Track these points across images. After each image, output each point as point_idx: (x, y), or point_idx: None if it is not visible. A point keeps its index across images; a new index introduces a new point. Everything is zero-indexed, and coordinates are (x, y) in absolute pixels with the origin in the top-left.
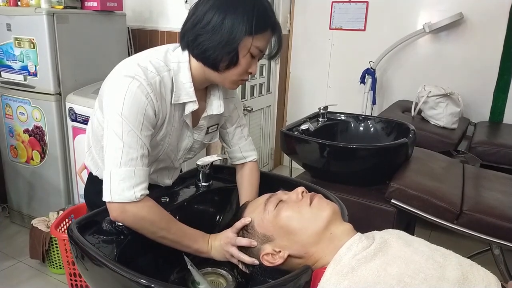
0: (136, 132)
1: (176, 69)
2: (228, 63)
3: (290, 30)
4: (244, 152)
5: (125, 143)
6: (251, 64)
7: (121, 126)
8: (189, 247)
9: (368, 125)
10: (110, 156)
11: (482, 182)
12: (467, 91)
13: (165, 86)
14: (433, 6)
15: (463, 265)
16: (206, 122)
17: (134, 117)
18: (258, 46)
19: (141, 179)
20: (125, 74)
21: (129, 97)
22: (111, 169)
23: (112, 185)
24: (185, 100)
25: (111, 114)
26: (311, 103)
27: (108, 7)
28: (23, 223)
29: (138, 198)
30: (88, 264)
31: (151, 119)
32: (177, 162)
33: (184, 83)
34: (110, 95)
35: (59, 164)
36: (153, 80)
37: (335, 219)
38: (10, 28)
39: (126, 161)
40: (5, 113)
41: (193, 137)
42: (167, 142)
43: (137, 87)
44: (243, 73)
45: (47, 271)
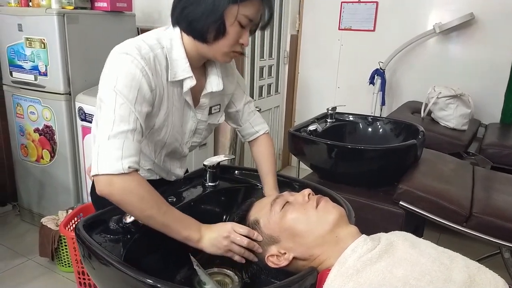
0: (130, 106)
1: (169, 47)
2: (215, 34)
3: (299, 31)
4: (256, 126)
5: (116, 116)
6: (241, 34)
7: (114, 99)
8: (178, 232)
9: (377, 126)
10: (101, 129)
11: (493, 185)
12: (478, 92)
13: (159, 63)
14: (443, 6)
15: (470, 268)
16: (207, 100)
17: (127, 90)
18: (246, 15)
19: (131, 152)
20: (118, 51)
21: (123, 72)
22: (99, 142)
23: (100, 157)
24: (182, 76)
25: (105, 89)
26: (319, 103)
27: (118, 8)
28: (33, 221)
29: (126, 170)
30: (95, 263)
31: (147, 94)
32: (185, 146)
33: (179, 60)
34: (104, 73)
35: (69, 163)
36: (147, 56)
37: (341, 222)
38: (21, 28)
39: (116, 133)
40: (16, 113)
41: (196, 118)
42: (170, 122)
43: (131, 62)
44: (234, 44)
45: (56, 269)
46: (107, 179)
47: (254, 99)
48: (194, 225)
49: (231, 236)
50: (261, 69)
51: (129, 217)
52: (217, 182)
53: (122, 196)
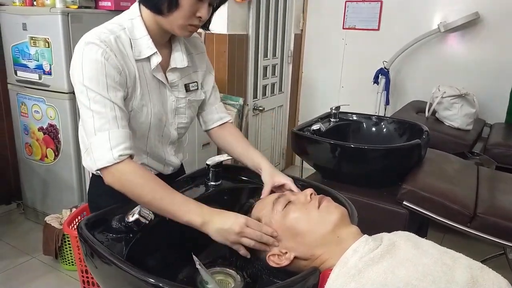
0: (102, 94)
1: (130, 26)
2: (168, 4)
3: (303, 30)
4: (220, 113)
5: (93, 110)
6: (199, 7)
7: (86, 94)
8: (178, 218)
9: (381, 126)
10: (85, 128)
11: (497, 185)
12: (483, 91)
13: (122, 43)
14: (448, 5)
15: (473, 268)
16: (176, 76)
17: (96, 81)
18: None
19: (118, 140)
20: (80, 44)
21: (86, 62)
22: (89, 140)
23: (94, 153)
24: (146, 54)
25: (76, 86)
26: (323, 103)
27: (122, 7)
28: (37, 219)
29: (117, 159)
30: (97, 262)
31: (116, 77)
32: (171, 127)
33: (141, 38)
34: (71, 69)
35: (73, 162)
36: (107, 39)
37: (342, 222)
38: (26, 27)
39: (99, 126)
40: (21, 111)
41: (173, 95)
42: (148, 101)
43: (90, 50)
44: (190, 17)
45: (60, 267)
46: (107, 171)
47: (257, 99)
48: (195, 209)
49: (244, 231)
50: (264, 68)
51: (131, 216)
52: (220, 181)
53: (120, 184)
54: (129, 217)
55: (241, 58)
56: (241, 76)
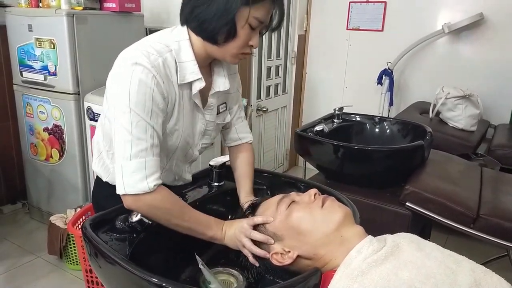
0: (146, 120)
1: (177, 49)
2: (226, 35)
3: (307, 31)
4: (240, 134)
5: (133, 135)
6: (252, 36)
7: (129, 117)
8: (203, 234)
9: (384, 127)
10: (119, 149)
11: (501, 186)
12: (487, 92)
13: (169, 67)
14: (452, 6)
15: (476, 272)
16: (215, 100)
17: (142, 105)
18: (257, 17)
19: (153, 169)
20: (127, 61)
21: (135, 85)
22: (121, 162)
23: (124, 178)
24: (191, 79)
25: (118, 106)
26: (327, 104)
27: (126, 8)
28: (42, 219)
29: (151, 189)
30: (101, 262)
31: (161, 104)
32: (195, 148)
33: (187, 62)
34: (115, 87)
35: (77, 162)
36: (156, 62)
37: (346, 222)
38: (32, 29)
39: (136, 152)
40: (26, 112)
41: (205, 119)
42: (181, 126)
43: (141, 72)
44: (244, 46)
45: (64, 266)
46: (134, 197)
47: (261, 99)
48: (216, 224)
49: (244, 231)
50: (268, 69)
51: (135, 216)
52: (223, 182)
53: (148, 211)
54: (132, 217)
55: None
56: (245, 77)
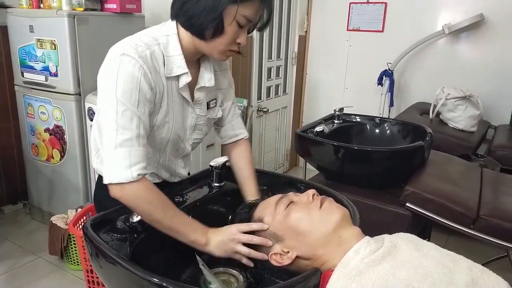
0: (133, 110)
1: (165, 42)
2: (213, 31)
3: (307, 31)
4: (237, 130)
5: (119, 124)
6: (239, 34)
7: (115, 107)
8: (185, 235)
9: (384, 128)
10: (106, 138)
11: (501, 187)
12: (488, 93)
13: (156, 59)
14: (452, 7)
15: (474, 271)
16: (202, 95)
17: (129, 95)
18: (245, 15)
19: (138, 159)
20: (115, 53)
21: (122, 75)
22: (107, 151)
23: (110, 167)
24: (177, 72)
25: (106, 96)
26: (327, 104)
27: (127, 9)
28: (43, 219)
29: (135, 178)
30: (102, 262)
31: (148, 94)
32: (187, 142)
33: (174, 56)
34: (103, 77)
35: (78, 163)
36: (143, 53)
37: (344, 223)
38: (33, 29)
39: (121, 142)
40: (27, 112)
41: (195, 113)
42: (171, 118)
43: (128, 63)
44: (231, 43)
45: (65, 267)
46: (119, 187)
47: (261, 100)
48: (200, 229)
49: (235, 237)
50: (269, 69)
51: (136, 217)
52: (223, 182)
53: (131, 201)
54: (133, 217)
55: (245, 59)
56: (245, 78)
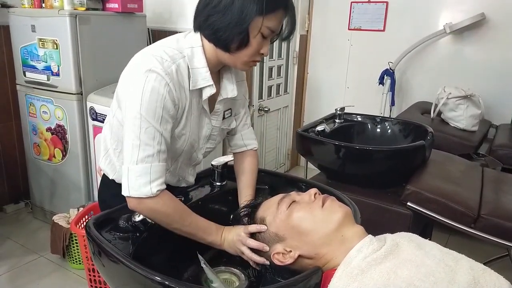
0: (156, 127)
1: (190, 55)
2: (239, 44)
3: (309, 31)
4: (246, 140)
5: (141, 140)
6: (263, 44)
7: (139, 123)
8: (203, 239)
9: (385, 127)
10: (127, 152)
11: (502, 186)
12: (489, 92)
13: (181, 73)
14: (454, 6)
15: (475, 270)
16: (221, 106)
17: (152, 112)
18: (269, 27)
19: (158, 174)
20: (141, 68)
21: (147, 92)
22: (128, 165)
23: (130, 181)
24: (202, 85)
25: (130, 111)
26: (329, 104)
27: (129, 9)
28: (45, 218)
29: (154, 194)
30: (105, 261)
31: (171, 110)
32: (200, 152)
33: (200, 68)
34: (128, 92)
35: (80, 162)
36: (169, 69)
37: (346, 221)
38: (35, 29)
39: (143, 157)
40: (29, 112)
41: (211, 124)
42: (188, 131)
43: (154, 80)
44: (255, 54)
45: (67, 266)
46: (137, 200)
47: (263, 99)
48: (216, 230)
49: (240, 239)
50: (270, 69)
51: (138, 216)
52: (225, 182)
53: (150, 214)
54: (136, 217)
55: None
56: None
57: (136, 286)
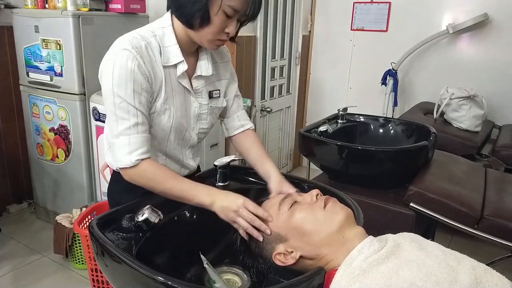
0: (128, 101)
1: (161, 34)
2: (200, 21)
3: (311, 31)
4: (242, 121)
5: (117, 115)
6: (228, 24)
7: (113, 99)
8: (189, 201)
9: (388, 127)
10: (109, 129)
11: (505, 187)
12: (492, 93)
13: (152, 50)
14: (457, 6)
15: (477, 270)
16: (200, 84)
17: (124, 87)
18: (231, 5)
19: (137, 145)
20: (112, 49)
21: (117, 68)
22: (111, 140)
23: (115, 153)
24: (174, 61)
25: (104, 90)
26: (331, 104)
27: (132, 9)
28: (48, 219)
29: (133, 163)
30: (108, 261)
31: (143, 83)
32: (193, 132)
33: (170, 46)
34: (102, 73)
35: (83, 162)
36: (138, 45)
37: (348, 223)
38: (38, 30)
39: (121, 130)
40: (32, 112)
41: (197, 101)
42: (172, 105)
43: (122, 56)
44: (219, 33)
45: (70, 266)
46: (123, 171)
47: (265, 100)
48: (203, 191)
49: (239, 211)
50: (272, 69)
51: (141, 216)
52: (227, 182)
53: (135, 181)
54: (138, 216)
55: (249, 59)
56: (249, 78)
57: (139, 286)
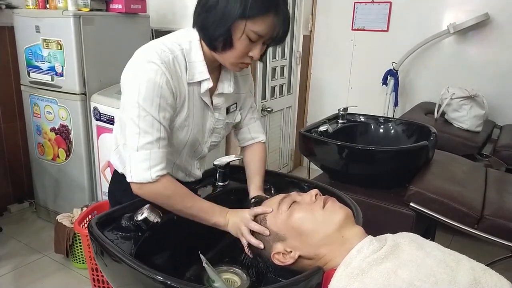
0: (154, 115)
1: (188, 48)
2: (223, 45)
3: (312, 31)
4: (253, 133)
5: (140, 128)
6: (251, 48)
7: (138, 112)
8: (206, 220)
9: (389, 127)
10: (129, 140)
11: (506, 187)
12: (493, 93)
13: (179, 64)
14: (458, 6)
15: (476, 270)
16: (221, 101)
17: (150, 101)
18: (256, 31)
19: (157, 161)
20: (140, 59)
21: (145, 81)
22: (130, 153)
23: (132, 167)
24: (199, 78)
25: (129, 101)
26: (332, 104)
27: (132, 9)
28: (49, 218)
29: (153, 179)
30: (107, 260)
31: (169, 99)
32: (205, 145)
33: (196, 62)
34: (127, 82)
35: (84, 162)
36: (166, 59)
37: (347, 222)
38: (39, 30)
39: (143, 144)
40: (33, 112)
41: (214, 117)
42: (191, 122)
43: (151, 69)
44: (242, 57)
45: (71, 265)
46: (139, 185)
47: (266, 100)
48: (219, 212)
49: (245, 221)
50: (273, 69)
51: (140, 215)
52: (227, 182)
53: (151, 198)
54: (138, 216)
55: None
56: None
57: (138, 285)
